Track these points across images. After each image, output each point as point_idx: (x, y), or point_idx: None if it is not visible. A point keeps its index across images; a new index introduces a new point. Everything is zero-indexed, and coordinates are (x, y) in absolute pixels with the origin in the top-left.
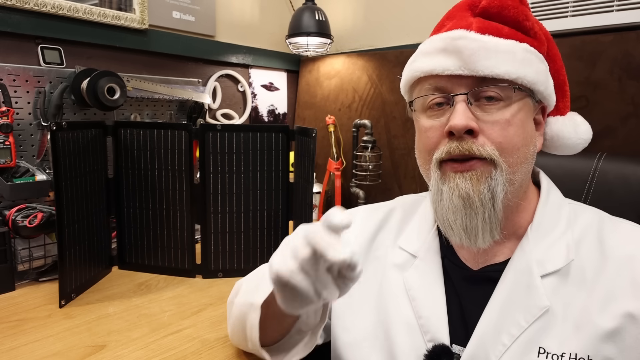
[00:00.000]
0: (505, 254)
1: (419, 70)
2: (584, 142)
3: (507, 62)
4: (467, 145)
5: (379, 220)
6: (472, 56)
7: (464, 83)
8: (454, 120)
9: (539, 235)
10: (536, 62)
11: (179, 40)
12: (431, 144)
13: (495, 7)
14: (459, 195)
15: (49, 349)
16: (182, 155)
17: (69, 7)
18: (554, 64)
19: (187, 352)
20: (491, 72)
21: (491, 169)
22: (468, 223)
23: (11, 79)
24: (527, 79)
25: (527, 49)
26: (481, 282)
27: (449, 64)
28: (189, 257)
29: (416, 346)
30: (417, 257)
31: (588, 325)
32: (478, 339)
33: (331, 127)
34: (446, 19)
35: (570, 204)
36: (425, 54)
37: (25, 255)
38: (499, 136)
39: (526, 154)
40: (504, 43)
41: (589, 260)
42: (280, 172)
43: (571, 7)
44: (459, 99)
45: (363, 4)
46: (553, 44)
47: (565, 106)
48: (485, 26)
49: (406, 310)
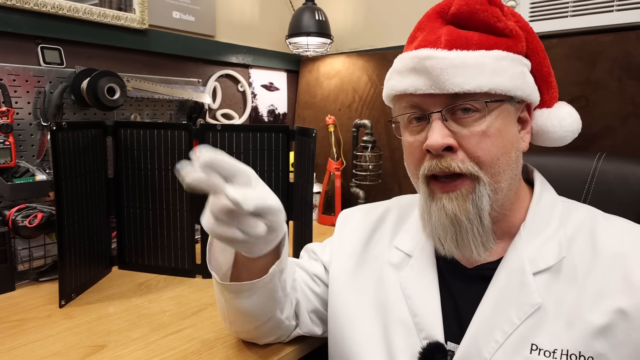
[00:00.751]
0: (498, 253)
1: (394, 89)
2: (571, 134)
3: (476, 76)
4: (447, 162)
5: (376, 220)
6: (440, 76)
7: (438, 101)
8: (430, 140)
9: (531, 234)
10: (510, 67)
11: (179, 40)
12: (415, 159)
13: (464, 13)
14: (446, 216)
15: (49, 349)
16: (182, 155)
17: (69, 7)
18: (535, 56)
19: (187, 352)
20: (462, 89)
21: (475, 184)
22: (459, 239)
23: (11, 79)
24: (500, 88)
25: (498, 56)
26: (475, 280)
27: (420, 84)
28: (189, 257)
29: (412, 344)
30: (412, 257)
31: (579, 321)
32: (471, 336)
33: (331, 127)
34: (417, 30)
35: (564, 202)
36: (399, 73)
37: (25, 255)
38: (477, 150)
39: (508, 161)
40: (472, 56)
41: (580, 257)
42: (280, 172)
43: (571, 7)
44: (434, 117)
45: (363, 4)
46: (533, 35)
47: (551, 97)
48: (454, 39)
49: (402, 309)
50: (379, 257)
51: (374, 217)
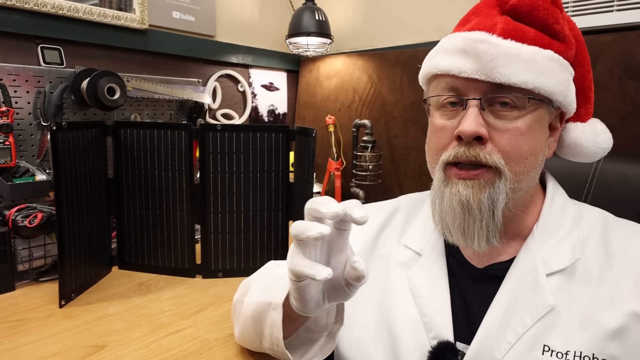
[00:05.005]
0: (510, 253)
1: (437, 68)
2: (602, 152)
3: (526, 71)
4: (475, 152)
5: (384, 218)
6: (490, 62)
7: (479, 87)
8: (463, 126)
9: (544, 235)
10: (558, 71)
11: (179, 40)
12: (441, 144)
13: (525, 6)
14: (459, 201)
15: (49, 349)
16: (182, 155)
17: (69, 7)
18: (580, 68)
19: (187, 352)
20: (508, 80)
21: (495, 178)
22: (465, 227)
23: (11, 79)
24: (544, 89)
25: (550, 57)
26: (486, 280)
27: (466, 67)
28: (189, 257)
29: (420, 344)
30: (422, 255)
31: (593, 323)
32: (482, 336)
33: (331, 127)
34: (472, 14)
35: (576, 205)
36: (445, 52)
37: (25, 255)
38: (507, 145)
39: (534, 163)
40: (526, 50)
41: (594, 259)
42: (280, 172)
43: (571, 7)
44: (472, 104)
45: (363, 4)
46: (583, 45)
47: (587, 113)
48: (510, 29)
49: (410, 308)
50: (387, 255)
51: (382, 215)
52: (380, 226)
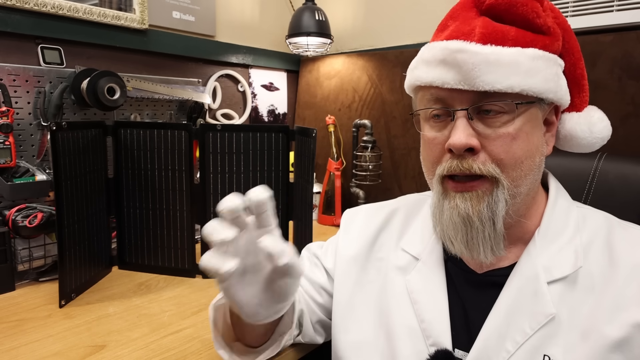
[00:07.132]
0: (510, 259)
1: (419, 80)
2: (600, 141)
3: (510, 75)
4: (468, 164)
5: (381, 221)
6: (472, 71)
7: (465, 97)
8: (453, 139)
9: (546, 241)
10: (544, 68)
11: (179, 40)
12: (434, 157)
13: (502, 4)
14: (459, 215)
15: (49, 349)
16: (182, 155)
17: (69, 7)
18: (570, 57)
19: (187, 352)
20: (493, 88)
21: (493, 187)
22: (469, 239)
23: (11, 79)
24: (532, 90)
25: (534, 56)
26: (485, 286)
27: (448, 78)
28: (189, 257)
29: (418, 350)
30: (420, 260)
31: (595, 333)
32: (481, 344)
33: (331, 127)
34: (449, 18)
35: (579, 208)
36: (426, 63)
37: (25, 255)
38: (500, 152)
39: (531, 166)
40: (508, 53)
41: (597, 267)
42: (280, 172)
43: (571, 7)
44: (460, 115)
45: (363, 4)
46: (570, 34)
47: (582, 101)
48: (489, 32)
49: (408, 314)
50: (384, 259)
51: (379, 217)
52: (378, 229)
